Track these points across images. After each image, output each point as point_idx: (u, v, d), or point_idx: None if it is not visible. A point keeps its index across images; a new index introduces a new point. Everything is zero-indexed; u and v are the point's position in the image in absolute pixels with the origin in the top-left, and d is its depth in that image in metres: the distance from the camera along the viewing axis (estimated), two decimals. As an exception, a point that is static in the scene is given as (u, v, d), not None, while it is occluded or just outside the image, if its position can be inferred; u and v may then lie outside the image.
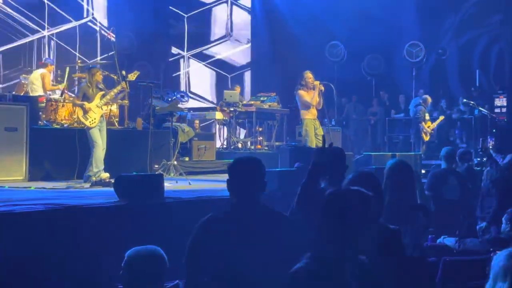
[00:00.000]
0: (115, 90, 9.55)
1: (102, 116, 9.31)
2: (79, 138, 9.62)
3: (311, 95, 10.86)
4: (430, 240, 5.88)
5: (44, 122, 10.52)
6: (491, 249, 3.93)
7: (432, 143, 14.71)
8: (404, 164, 4.66)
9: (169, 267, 3.70)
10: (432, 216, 4.74)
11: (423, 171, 11.04)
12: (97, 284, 5.17)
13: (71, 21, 16.79)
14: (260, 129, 14.41)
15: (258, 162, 3.56)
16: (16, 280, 4.98)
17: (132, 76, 10.12)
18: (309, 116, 10.89)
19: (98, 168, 9.11)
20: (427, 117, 13.72)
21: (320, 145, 10.65)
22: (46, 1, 16.10)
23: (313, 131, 10.82)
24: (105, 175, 9.02)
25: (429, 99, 14.06)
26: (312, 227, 2.66)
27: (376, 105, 17.75)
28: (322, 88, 10.98)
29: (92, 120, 9.10)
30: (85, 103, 9.13)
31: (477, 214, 7.04)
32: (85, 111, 9.10)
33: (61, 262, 5.19)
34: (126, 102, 11.61)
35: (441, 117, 14.98)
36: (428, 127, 13.58)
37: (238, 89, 14.92)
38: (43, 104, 10.67)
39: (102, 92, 9.38)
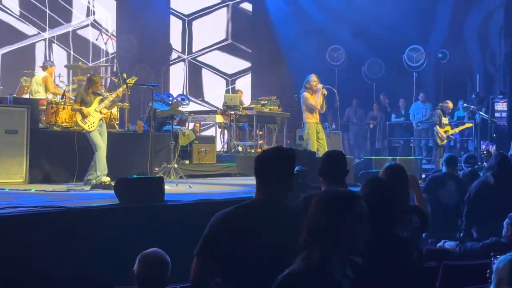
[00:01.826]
0: (113, 96, 9.57)
1: (101, 120, 9.32)
2: (79, 140, 9.62)
3: (315, 98, 10.90)
4: (430, 244, 5.88)
5: (45, 124, 10.51)
6: (492, 254, 3.92)
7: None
8: (397, 167, 4.69)
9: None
10: (428, 219, 4.73)
11: (423, 176, 11.06)
12: (96, 285, 5.17)
13: (72, 24, 16.80)
14: (261, 132, 14.40)
15: (288, 153, 3.39)
16: (16, 282, 4.98)
17: (130, 81, 10.13)
18: (312, 120, 10.92)
19: (101, 172, 9.08)
20: (445, 121, 13.54)
21: (322, 149, 10.71)
22: (47, 3, 16.12)
23: (315, 135, 10.85)
24: (106, 179, 9.00)
25: (450, 104, 13.89)
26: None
27: (377, 110, 17.76)
28: (325, 92, 11.02)
29: (91, 124, 9.14)
30: (83, 108, 9.16)
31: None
32: (84, 116, 9.13)
33: (62, 264, 5.19)
34: (127, 105, 11.61)
35: (467, 124, 14.88)
36: (445, 131, 13.42)
37: (240, 94, 14.92)
38: (44, 107, 10.67)
39: (101, 97, 9.42)
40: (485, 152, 12.66)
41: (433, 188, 7.60)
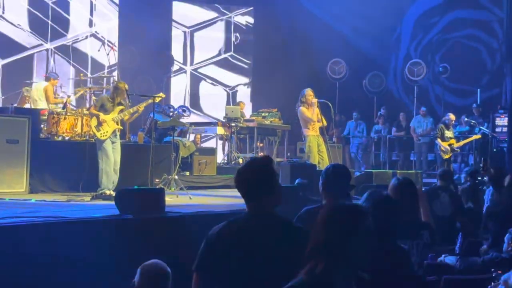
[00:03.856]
0: (134, 109, 9.40)
1: (115, 131, 9.22)
2: (81, 151, 9.63)
3: (311, 111, 10.92)
4: (430, 259, 5.87)
5: (46, 134, 10.51)
6: (493, 269, 3.92)
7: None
8: (408, 182, 4.64)
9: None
10: (435, 235, 4.71)
11: (423, 190, 11.02)
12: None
13: (74, 34, 16.86)
14: (261, 144, 14.41)
15: (262, 164, 3.34)
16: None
17: (160, 96, 10.01)
18: (312, 133, 10.92)
19: (105, 186, 8.92)
20: (449, 134, 13.43)
21: (323, 162, 10.70)
22: (49, 14, 16.18)
23: (316, 148, 10.84)
24: (108, 192, 8.90)
25: (452, 116, 13.81)
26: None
27: (381, 123, 17.72)
28: (322, 119, 11.04)
29: (104, 133, 8.98)
30: (101, 114, 9.01)
31: (480, 234, 7.02)
32: (100, 123, 8.99)
33: (61, 275, 5.18)
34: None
35: (475, 136, 14.82)
36: (450, 144, 13.31)
37: (242, 105, 14.93)
38: (45, 117, 10.68)
39: (122, 107, 9.24)
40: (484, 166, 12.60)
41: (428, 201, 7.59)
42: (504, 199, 6.90)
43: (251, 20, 20.02)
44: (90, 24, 17.33)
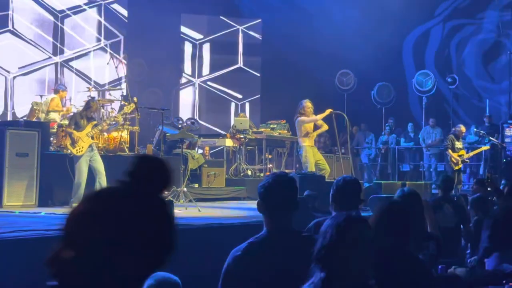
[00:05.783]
0: (108, 122, 9.89)
1: (91, 145, 9.43)
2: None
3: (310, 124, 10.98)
4: (440, 270, 5.84)
5: (55, 148, 10.56)
6: (504, 281, 3.90)
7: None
8: (413, 193, 4.63)
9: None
10: (442, 247, 4.70)
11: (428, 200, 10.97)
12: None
13: (83, 48, 16.95)
14: (270, 156, 14.40)
15: (289, 180, 3.34)
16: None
17: (128, 109, 10.26)
18: (308, 143, 10.95)
19: (77, 199, 9.08)
20: (459, 145, 13.39)
21: (325, 169, 10.70)
22: (58, 27, 16.29)
23: (312, 158, 10.89)
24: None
25: (463, 128, 13.76)
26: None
27: (388, 134, 17.71)
28: (323, 124, 11.05)
29: (80, 149, 9.28)
30: (74, 132, 9.31)
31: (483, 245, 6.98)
32: (73, 140, 9.27)
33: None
34: (137, 128, 11.66)
35: (484, 147, 14.70)
36: (459, 155, 13.25)
37: (241, 115, 14.96)
38: (54, 130, 10.73)
39: (95, 122, 9.61)
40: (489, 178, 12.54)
41: None
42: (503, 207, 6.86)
43: (259, 32, 20.08)
44: (100, 37, 17.42)
